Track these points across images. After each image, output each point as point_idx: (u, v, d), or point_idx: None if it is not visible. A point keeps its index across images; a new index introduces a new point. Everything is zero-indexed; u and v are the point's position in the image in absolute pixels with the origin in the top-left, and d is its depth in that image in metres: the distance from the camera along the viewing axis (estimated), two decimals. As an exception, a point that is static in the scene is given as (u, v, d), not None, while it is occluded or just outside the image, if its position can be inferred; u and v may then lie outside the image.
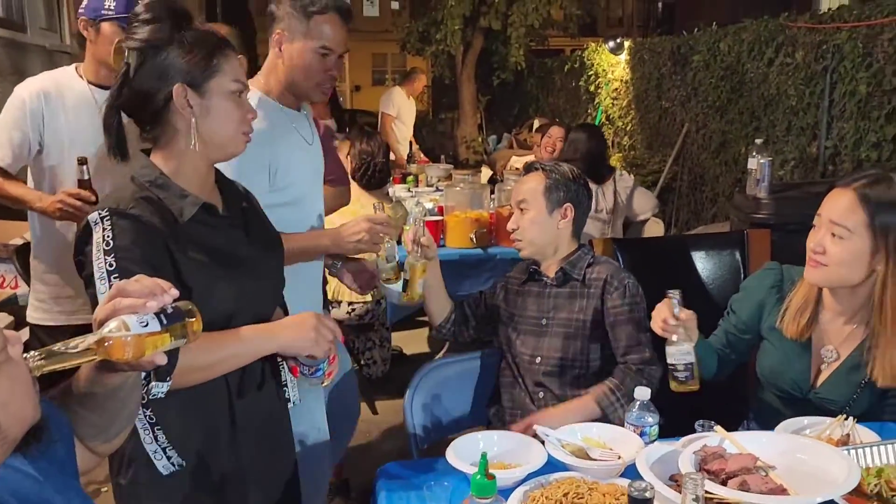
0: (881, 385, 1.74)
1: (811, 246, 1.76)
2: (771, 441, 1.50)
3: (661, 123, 7.21)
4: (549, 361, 2.05)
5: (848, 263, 1.72)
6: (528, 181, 2.12)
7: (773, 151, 5.20)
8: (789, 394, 1.88)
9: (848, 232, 1.70)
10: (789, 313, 1.86)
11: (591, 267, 2.09)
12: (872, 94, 4.25)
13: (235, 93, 1.42)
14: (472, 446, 1.60)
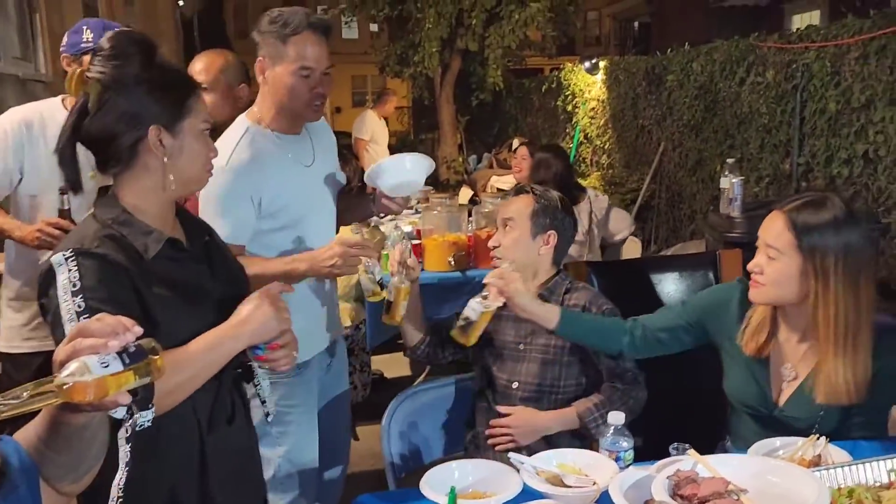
0: (820, 402, 1.76)
1: (750, 266, 1.83)
2: (743, 464, 1.51)
3: (638, 142, 7.28)
4: (527, 387, 2.06)
5: (781, 283, 1.78)
6: (517, 202, 2.13)
7: (748, 169, 5.28)
8: (758, 411, 1.90)
9: (778, 253, 1.76)
10: (749, 330, 1.90)
11: (569, 293, 2.09)
12: (842, 111, 4.33)
13: (204, 132, 1.44)
14: (446, 476, 1.59)
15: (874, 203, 4.09)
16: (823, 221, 1.74)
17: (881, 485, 1.50)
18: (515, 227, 2.10)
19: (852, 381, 1.73)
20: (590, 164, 8.42)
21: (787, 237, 1.75)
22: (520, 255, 2.09)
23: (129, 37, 1.37)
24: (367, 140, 7.44)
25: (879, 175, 4.06)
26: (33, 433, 1.02)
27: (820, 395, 1.76)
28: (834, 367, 1.74)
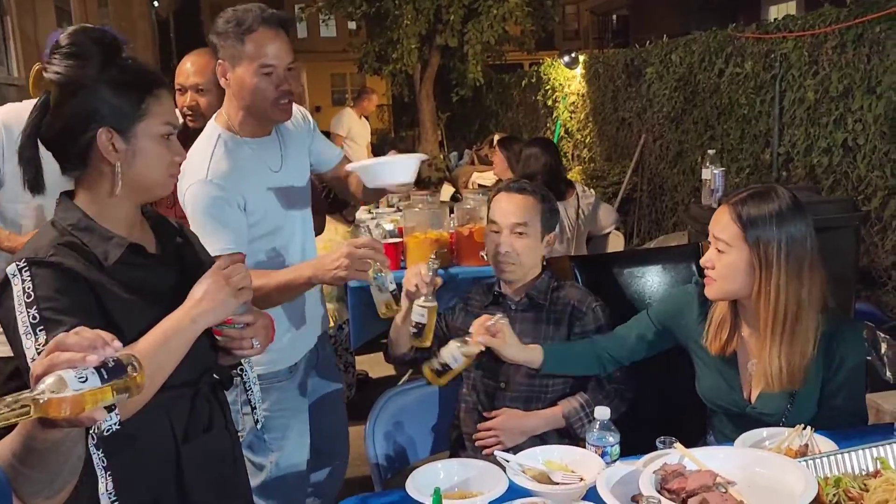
0: (763, 390, 1.79)
1: (702, 262, 1.84)
2: (730, 456, 1.50)
3: (619, 135, 7.29)
4: (517, 388, 2.03)
5: (730, 276, 1.79)
6: (525, 204, 2.05)
7: (728, 160, 5.29)
8: (730, 410, 1.90)
9: (727, 245, 1.78)
10: (711, 330, 1.90)
11: (556, 291, 2.07)
12: (820, 100, 4.35)
13: (165, 136, 1.37)
14: (432, 476, 1.57)
15: (854, 191, 4.11)
16: (767, 213, 1.76)
17: (867, 473, 1.50)
18: (529, 231, 2.04)
19: (786, 369, 1.76)
20: (571, 158, 8.42)
21: (734, 229, 1.77)
22: (531, 260, 2.06)
23: (89, 35, 1.32)
24: (342, 136, 7.41)
25: (859, 163, 4.08)
26: (7, 448, 0.99)
27: (760, 383, 1.79)
28: (769, 355, 1.77)
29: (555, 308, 2.05)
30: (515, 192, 2.07)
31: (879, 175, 3.92)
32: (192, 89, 2.46)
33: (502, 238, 2.04)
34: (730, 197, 1.83)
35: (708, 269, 1.82)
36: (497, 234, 2.05)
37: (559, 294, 2.07)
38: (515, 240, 2.03)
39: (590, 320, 2.04)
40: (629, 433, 1.73)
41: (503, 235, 2.04)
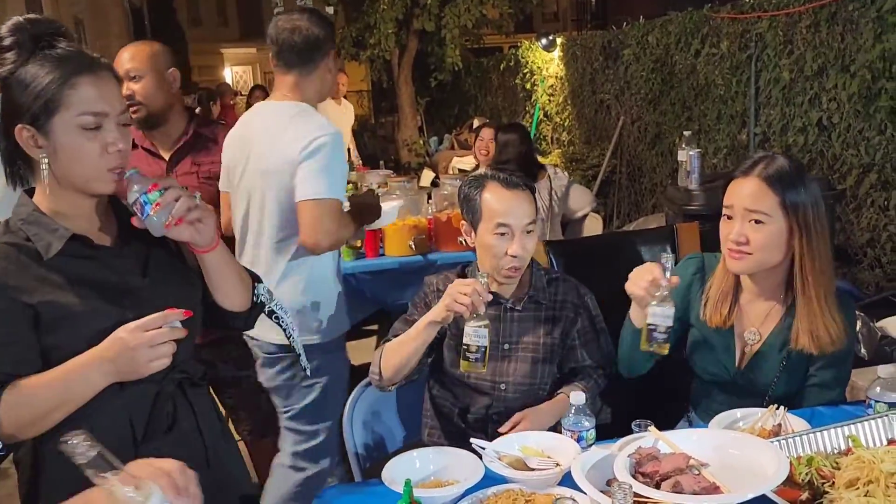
0: (808, 350, 1.80)
1: (733, 238, 1.79)
2: (703, 438, 1.51)
3: (598, 117, 7.29)
4: (517, 387, 1.95)
5: (770, 247, 1.78)
6: (524, 200, 1.91)
7: (706, 140, 5.31)
8: (718, 376, 1.93)
9: (767, 216, 1.76)
10: (710, 303, 1.91)
11: (551, 286, 2.01)
12: (795, 80, 4.36)
13: (85, 127, 1.28)
14: (407, 466, 1.57)
15: (829, 170, 4.14)
16: (795, 177, 1.77)
17: (839, 451, 1.51)
18: (535, 229, 1.93)
19: (838, 327, 1.78)
20: (550, 141, 8.42)
21: (771, 198, 1.76)
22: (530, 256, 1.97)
23: (19, 26, 1.28)
24: None
25: (834, 142, 4.10)
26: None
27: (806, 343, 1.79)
28: (821, 318, 1.77)
29: (553, 305, 1.98)
30: (521, 188, 1.92)
31: (854, 153, 3.95)
32: (126, 77, 2.44)
33: (516, 241, 1.87)
34: (745, 170, 1.80)
35: (741, 245, 1.78)
36: (505, 238, 1.88)
37: (556, 290, 2.00)
38: (528, 240, 1.90)
39: (586, 315, 2.00)
40: (610, 414, 1.75)
41: (518, 238, 1.87)
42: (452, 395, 2.01)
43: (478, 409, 1.97)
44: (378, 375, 1.89)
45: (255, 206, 2.29)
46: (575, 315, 2.00)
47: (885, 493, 1.33)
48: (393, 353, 1.87)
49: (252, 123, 2.34)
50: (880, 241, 3.88)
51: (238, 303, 1.54)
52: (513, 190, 1.90)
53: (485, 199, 1.91)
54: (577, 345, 2.00)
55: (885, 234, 3.83)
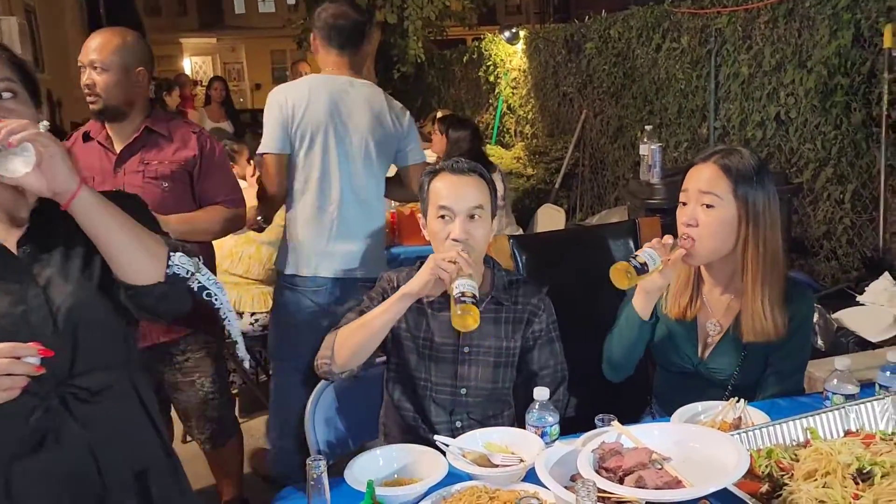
0: (746, 340, 1.84)
1: (685, 220, 1.83)
2: (665, 432, 1.52)
3: (561, 110, 7.31)
4: (479, 392, 1.92)
5: (719, 233, 1.82)
6: (469, 184, 1.84)
7: (667, 134, 5.35)
8: (683, 369, 1.96)
9: (718, 199, 1.80)
10: (670, 295, 1.95)
11: (513, 288, 1.96)
12: (754, 74, 4.42)
13: None
14: (370, 464, 1.55)
15: (787, 164, 4.20)
16: (750, 168, 1.82)
17: (798, 443, 1.54)
18: (484, 216, 1.85)
19: (778, 318, 1.82)
20: (514, 134, 8.43)
21: (724, 183, 1.80)
22: (483, 250, 1.91)
23: None
24: None
25: (791, 136, 4.16)
26: None
27: (748, 334, 1.83)
28: (761, 306, 1.82)
29: (514, 307, 1.95)
30: (467, 173, 1.87)
31: (811, 147, 4.01)
32: (89, 66, 2.37)
33: (458, 224, 1.81)
34: (704, 157, 1.86)
35: (690, 227, 1.82)
36: (447, 221, 1.83)
37: (517, 291, 1.96)
38: (473, 226, 1.83)
39: (544, 318, 1.97)
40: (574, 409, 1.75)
41: (460, 222, 1.81)
42: (412, 402, 1.96)
43: (439, 416, 1.94)
44: (329, 360, 1.81)
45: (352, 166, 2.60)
46: (531, 317, 1.96)
47: (842, 484, 1.35)
48: (353, 333, 1.80)
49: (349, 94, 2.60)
50: (836, 233, 3.96)
51: (144, 274, 1.32)
52: (459, 174, 1.86)
53: (432, 186, 1.88)
54: (532, 346, 1.96)
55: (841, 226, 3.90)
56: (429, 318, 1.93)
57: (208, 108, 7.80)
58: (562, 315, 2.03)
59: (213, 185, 2.50)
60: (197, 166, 2.47)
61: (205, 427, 2.66)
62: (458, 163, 1.89)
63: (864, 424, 1.58)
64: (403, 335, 1.93)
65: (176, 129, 2.49)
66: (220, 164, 2.53)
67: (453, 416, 1.94)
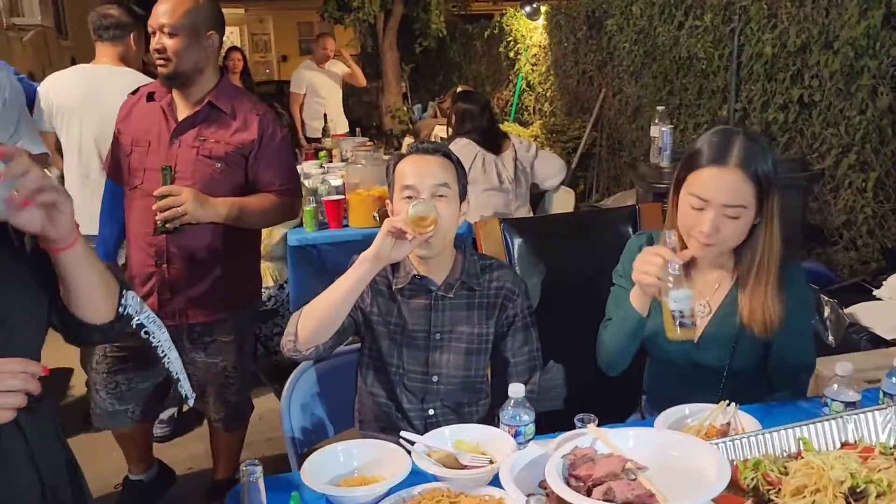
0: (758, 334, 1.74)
1: (706, 231, 1.68)
2: (644, 437, 1.41)
3: (580, 89, 7.14)
4: (450, 380, 1.86)
5: (738, 237, 1.73)
6: (433, 163, 1.79)
7: (686, 116, 5.19)
8: (674, 355, 1.86)
9: (743, 209, 1.68)
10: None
11: (486, 273, 1.90)
12: (778, 55, 4.23)
13: None
14: (330, 460, 1.47)
15: (808, 149, 4.03)
16: (765, 156, 1.69)
17: (789, 454, 1.43)
18: (450, 195, 1.79)
19: (772, 310, 1.72)
20: (532, 112, 8.27)
21: (749, 190, 1.67)
22: (451, 231, 1.83)
23: None
24: (300, 94, 7.10)
25: (814, 120, 3.99)
26: None
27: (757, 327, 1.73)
28: (765, 301, 1.72)
29: (487, 293, 1.88)
30: (431, 152, 1.84)
31: (834, 133, 3.84)
32: (159, 30, 2.30)
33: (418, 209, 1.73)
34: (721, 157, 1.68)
35: (710, 237, 1.68)
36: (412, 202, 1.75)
37: (490, 276, 1.89)
38: (439, 203, 1.77)
39: (519, 303, 1.90)
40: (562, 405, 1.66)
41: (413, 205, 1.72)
42: (385, 388, 1.90)
43: (411, 403, 1.88)
44: (294, 337, 1.75)
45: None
46: (505, 301, 1.89)
47: None
48: (315, 305, 1.73)
49: None
50: (857, 222, 3.79)
51: (100, 314, 1.32)
52: (423, 154, 1.83)
53: (398, 169, 1.84)
54: (506, 333, 1.89)
55: (862, 215, 3.74)
56: (400, 304, 1.87)
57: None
58: (555, 304, 1.94)
59: (269, 171, 2.42)
60: (254, 151, 2.38)
61: (220, 409, 2.62)
62: (423, 143, 1.85)
63: (864, 436, 1.47)
64: (375, 320, 1.87)
65: (240, 107, 2.40)
66: (279, 150, 2.43)
67: (425, 403, 1.88)
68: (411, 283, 1.85)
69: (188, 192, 2.24)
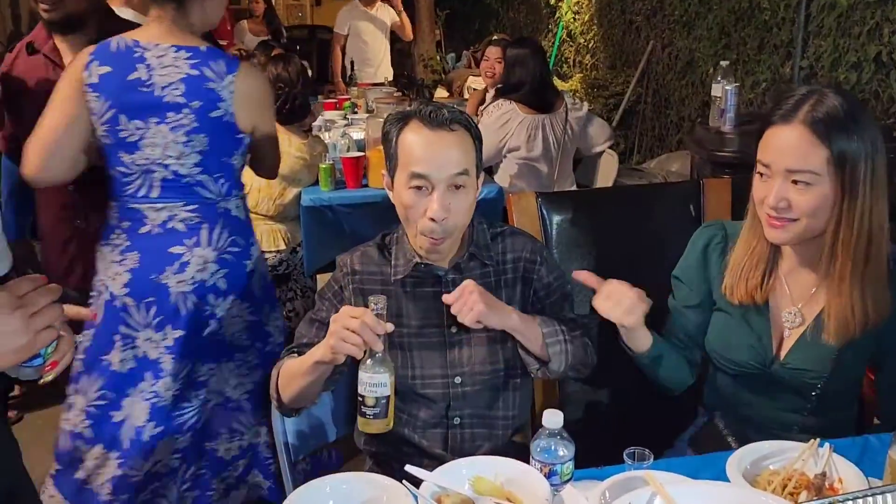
0: (826, 342, 1.46)
1: (770, 203, 1.41)
2: (716, 495, 1.09)
3: (626, 40, 6.69)
4: (476, 378, 1.55)
5: (819, 211, 1.41)
6: (451, 144, 1.43)
7: (743, 73, 4.77)
8: (748, 368, 1.55)
9: (815, 176, 1.38)
10: (733, 273, 1.54)
11: (497, 242, 1.59)
12: (854, 7, 3.79)
13: None
14: (317, 499, 1.18)
15: (884, 114, 3.61)
16: (850, 120, 1.38)
17: (904, 522, 1.10)
18: (469, 183, 1.46)
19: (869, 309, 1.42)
20: (572, 64, 7.81)
21: (821, 154, 1.37)
22: (465, 224, 1.51)
23: None
24: (342, 34, 6.77)
25: (892, 82, 3.57)
26: None
27: (828, 334, 1.44)
28: (851, 294, 1.42)
29: (503, 266, 1.57)
30: (447, 125, 1.44)
31: (916, 96, 3.42)
32: None
33: (436, 198, 1.42)
34: (788, 112, 1.40)
35: (781, 211, 1.41)
36: (422, 193, 1.43)
37: (504, 245, 1.59)
38: (455, 199, 1.44)
39: (545, 271, 1.59)
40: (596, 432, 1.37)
41: (439, 194, 1.42)
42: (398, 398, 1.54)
43: (431, 415, 1.56)
44: (276, 400, 1.52)
45: None
46: (532, 273, 1.58)
47: None
48: (288, 381, 1.48)
49: None
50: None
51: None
52: (437, 130, 1.43)
53: (402, 141, 1.46)
54: (543, 309, 1.59)
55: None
56: (402, 300, 1.55)
57: (250, 20, 7.36)
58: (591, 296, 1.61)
59: None
60: None
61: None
62: (436, 111, 1.44)
63: None
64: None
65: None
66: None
67: (450, 411, 1.56)
68: (414, 271, 1.53)
69: None
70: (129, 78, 1.85)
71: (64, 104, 1.84)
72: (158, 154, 1.89)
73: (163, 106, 1.87)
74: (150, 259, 1.94)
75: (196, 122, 1.90)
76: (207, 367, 2.03)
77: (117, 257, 1.95)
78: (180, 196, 1.95)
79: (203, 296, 1.97)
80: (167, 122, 1.88)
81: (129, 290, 1.94)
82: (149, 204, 1.93)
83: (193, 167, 1.93)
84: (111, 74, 1.85)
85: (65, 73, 1.89)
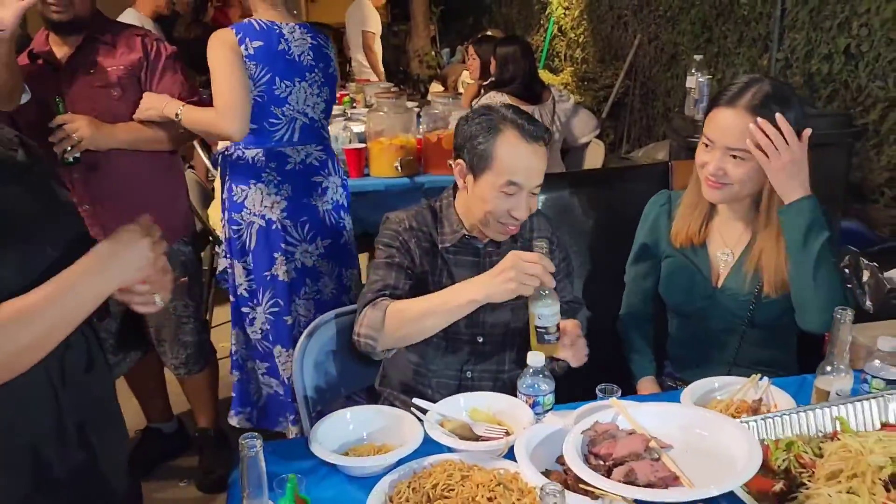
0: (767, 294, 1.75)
1: (710, 170, 1.71)
2: (669, 414, 1.34)
3: (614, 34, 6.90)
4: (495, 338, 1.78)
5: (749, 181, 1.70)
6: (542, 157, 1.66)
7: (724, 65, 4.98)
8: (695, 304, 1.84)
9: (746, 152, 1.65)
10: (679, 220, 1.85)
11: (527, 222, 1.79)
12: (825, 1, 4.01)
13: None
14: (339, 426, 1.41)
15: (852, 101, 3.84)
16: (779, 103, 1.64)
17: (824, 435, 1.34)
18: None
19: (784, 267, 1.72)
20: (563, 58, 8.02)
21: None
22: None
23: None
24: (374, 33, 6.86)
25: (860, 72, 3.79)
26: None
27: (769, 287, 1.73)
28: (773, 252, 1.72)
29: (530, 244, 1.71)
30: (540, 140, 1.66)
31: (880, 86, 3.64)
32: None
33: (523, 202, 1.65)
34: (730, 98, 1.67)
35: (717, 177, 1.69)
36: (512, 197, 1.64)
37: (531, 224, 1.82)
38: (533, 201, 1.70)
39: (558, 252, 1.83)
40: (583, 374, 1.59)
41: (525, 199, 1.65)
42: (419, 351, 1.78)
43: (447, 367, 1.79)
44: (375, 342, 1.61)
45: None
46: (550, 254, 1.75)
47: (871, 491, 1.16)
48: (404, 324, 1.59)
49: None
50: (900, 180, 3.63)
51: None
52: (533, 144, 1.64)
53: (498, 150, 1.64)
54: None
55: (906, 173, 3.58)
56: (447, 264, 1.77)
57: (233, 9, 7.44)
58: (580, 264, 1.86)
59: (164, 86, 2.39)
60: (144, 69, 2.36)
61: (178, 352, 2.60)
62: (532, 126, 1.66)
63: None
64: (426, 280, 1.76)
65: (119, 35, 2.37)
66: (168, 66, 2.40)
67: (465, 366, 1.80)
68: (459, 243, 1.75)
69: (82, 119, 2.22)
70: (278, 49, 2.39)
71: (235, 72, 2.29)
72: (301, 105, 2.45)
73: (304, 68, 2.44)
74: (300, 188, 2.50)
75: (322, 77, 2.50)
76: (347, 271, 2.66)
77: (273, 189, 2.46)
78: (313, 138, 2.53)
79: (338, 211, 2.60)
80: (307, 80, 2.45)
81: (287, 214, 2.47)
82: (291, 146, 2.48)
83: (321, 113, 2.54)
84: (263, 47, 2.36)
85: (217, 50, 2.30)
